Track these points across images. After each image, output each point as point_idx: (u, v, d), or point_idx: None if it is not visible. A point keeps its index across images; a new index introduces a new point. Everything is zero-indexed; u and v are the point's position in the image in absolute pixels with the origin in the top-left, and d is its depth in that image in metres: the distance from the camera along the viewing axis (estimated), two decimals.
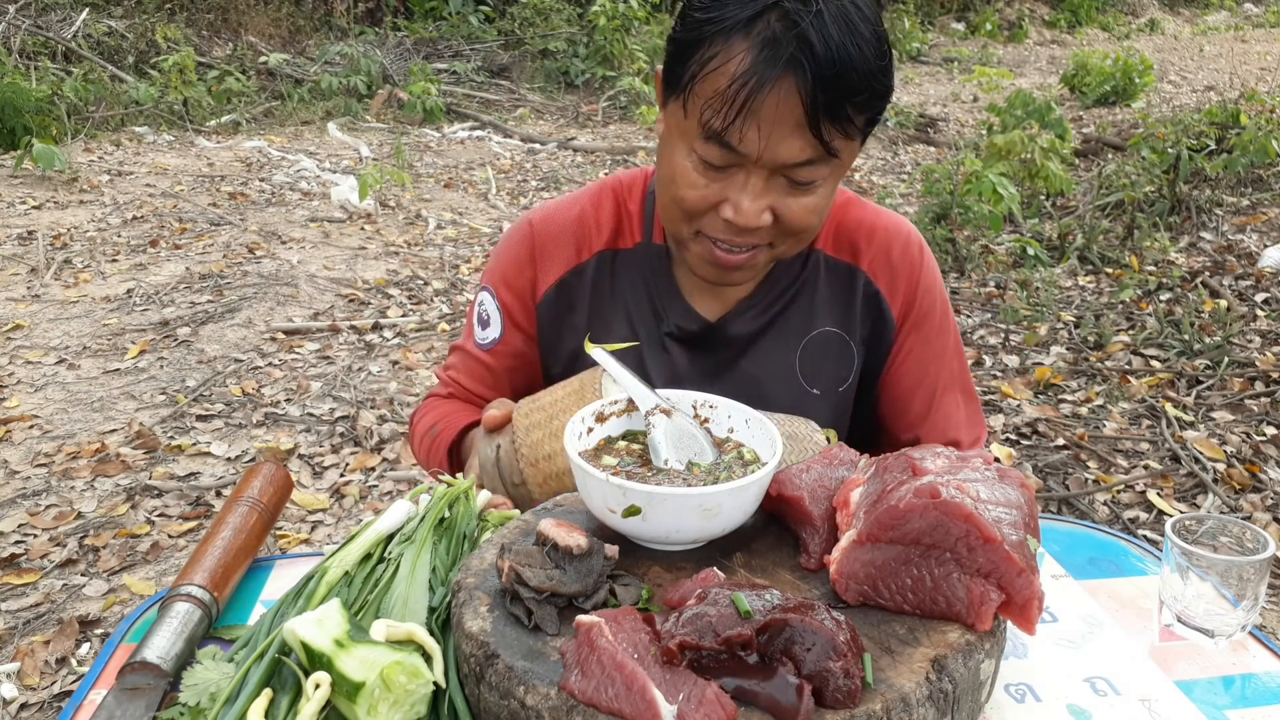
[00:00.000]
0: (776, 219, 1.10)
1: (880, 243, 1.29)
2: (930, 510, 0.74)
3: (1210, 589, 0.86)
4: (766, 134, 1.02)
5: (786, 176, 1.07)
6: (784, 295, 1.29)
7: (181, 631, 0.83)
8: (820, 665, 0.65)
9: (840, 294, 1.30)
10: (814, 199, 1.10)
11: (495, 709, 0.70)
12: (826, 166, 1.07)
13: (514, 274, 1.33)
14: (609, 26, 9.70)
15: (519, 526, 0.90)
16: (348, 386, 3.70)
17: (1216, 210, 5.45)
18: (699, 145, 1.07)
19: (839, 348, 1.30)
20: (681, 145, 1.10)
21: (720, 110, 1.02)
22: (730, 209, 1.08)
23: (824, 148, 1.04)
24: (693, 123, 1.07)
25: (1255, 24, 17.16)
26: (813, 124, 1.01)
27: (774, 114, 1.01)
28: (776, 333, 1.29)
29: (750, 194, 1.07)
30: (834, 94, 1.01)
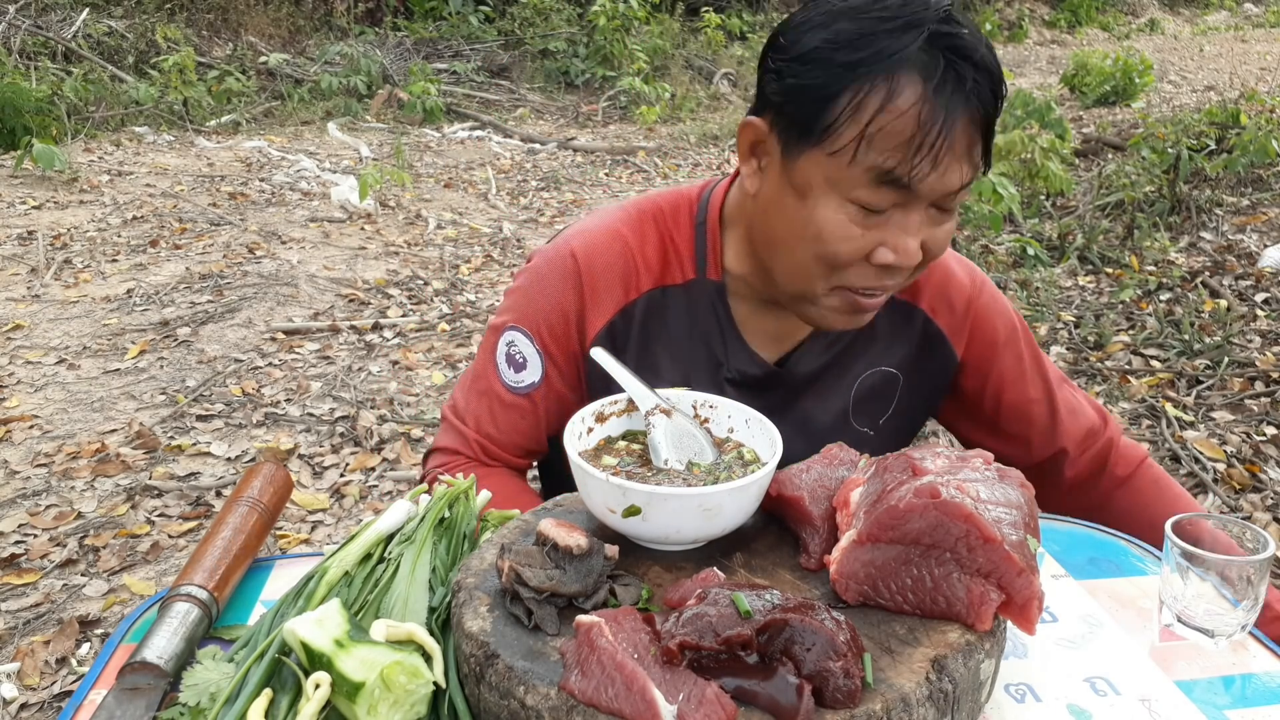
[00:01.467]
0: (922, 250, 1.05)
1: (939, 279, 1.25)
2: (930, 510, 0.73)
3: (1210, 589, 0.86)
4: (944, 167, 0.97)
5: (938, 206, 1.02)
6: (842, 338, 1.23)
7: (181, 631, 0.83)
8: (820, 665, 0.65)
9: (898, 332, 1.25)
10: (951, 222, 1.06)
11: (495, 709, 0.70)
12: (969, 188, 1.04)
13: (555, 315, 1.20)
14: (609, 26, 9.70)
15: (519, 526, 0.90)
16: (348, 386, 3.70)
17: (1216, 210, 5.45)
18: (865, 192, 0.99)
19: (885, 384, 1.26)
20: (833, 198, 1.01)
21: (907, 153, 0.96)
22: (890, 252, 1.01)
23: (983, 167, 1.02)
24: (857, 171, 0.98)
25: (1255, 24, 17.16)
26: (977, 147, 0.99)
27: (957, 146, 0.97)
28: (834, 374, 1.24)
29: (913, 232, 1.01)
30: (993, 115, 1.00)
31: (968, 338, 1.26)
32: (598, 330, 1.19)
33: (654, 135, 8.46)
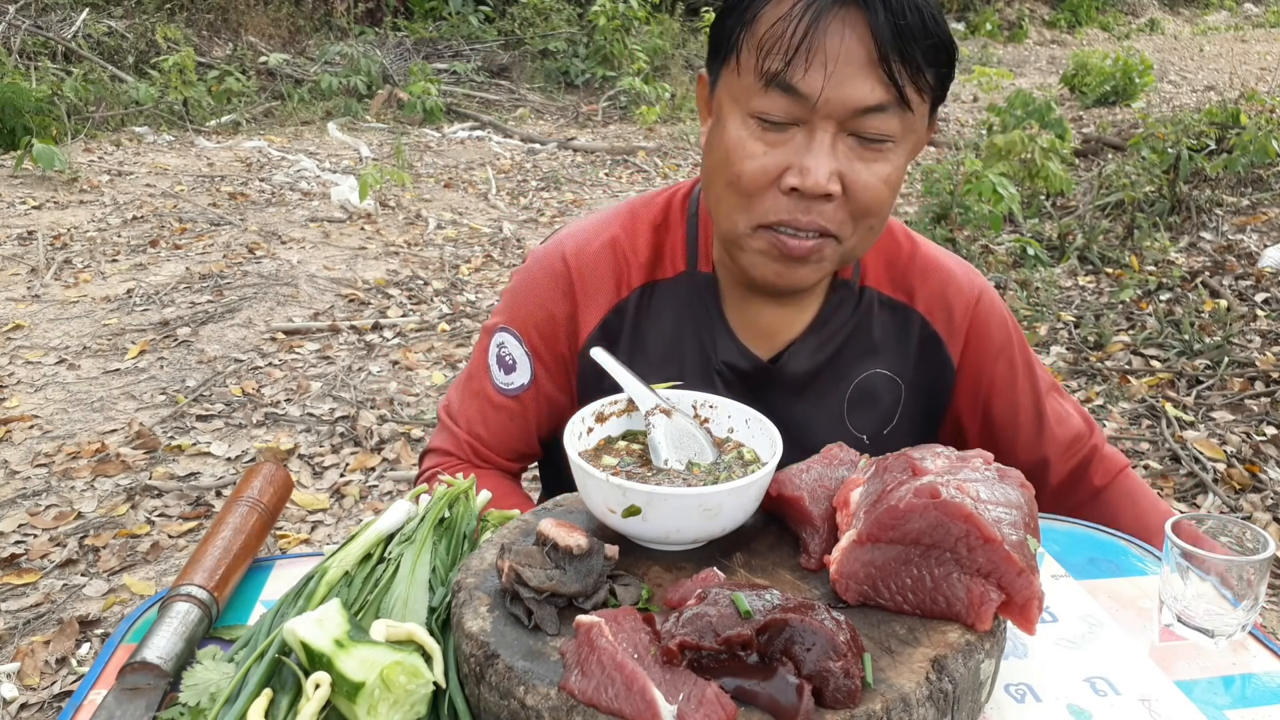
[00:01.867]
0: (846, 191, 1.00)
1: (937, 283, 1.22)
2: (930, 510, 0.73)
3: (1210, 589, 0.86)
4: (832, 71, 0.94)
5: (856, 134, 0.98)
6: (839, 334, 1.20)
7: (181, 631, 0.83)
8: (820, 665, 0.65)
9: (894, 334, 1.22)
10: (885, 167, 1.00)
11: (495, 709, 0.70)
12: (898, 120, 0.98)
13: (544, 317, 1.19)
14: (609, 26, 9.70)
15: (519, 526, 0.90)
16: (348, 386, 3.70)
17: (1216, 210, 5.44)
18: (757, 100, 0.97)
19: (886, 390, 1.22)
20: (735, 115, 1.01)
21: (778, 47, 0.94)
22: (795, 174, 0.98)
23: (896, 91, 0.95)
24: (747, 78, 0.98)
25: (1255, 24, 17.16)
26: (883, 59, 0.94)
27: (840, 46, 0.93)
28: (829, 375, 1.20)
29: (816, 152, 0.97)
30: (903, 30, 0.94)
31: (964, 344, 1.23)
32: (591, 329, 1.18)
33: (654, 135, 8.46)
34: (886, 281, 1.22)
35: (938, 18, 0.98)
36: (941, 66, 1.00)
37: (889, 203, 1.04)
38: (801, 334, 1.19)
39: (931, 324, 1.22)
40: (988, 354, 1.24)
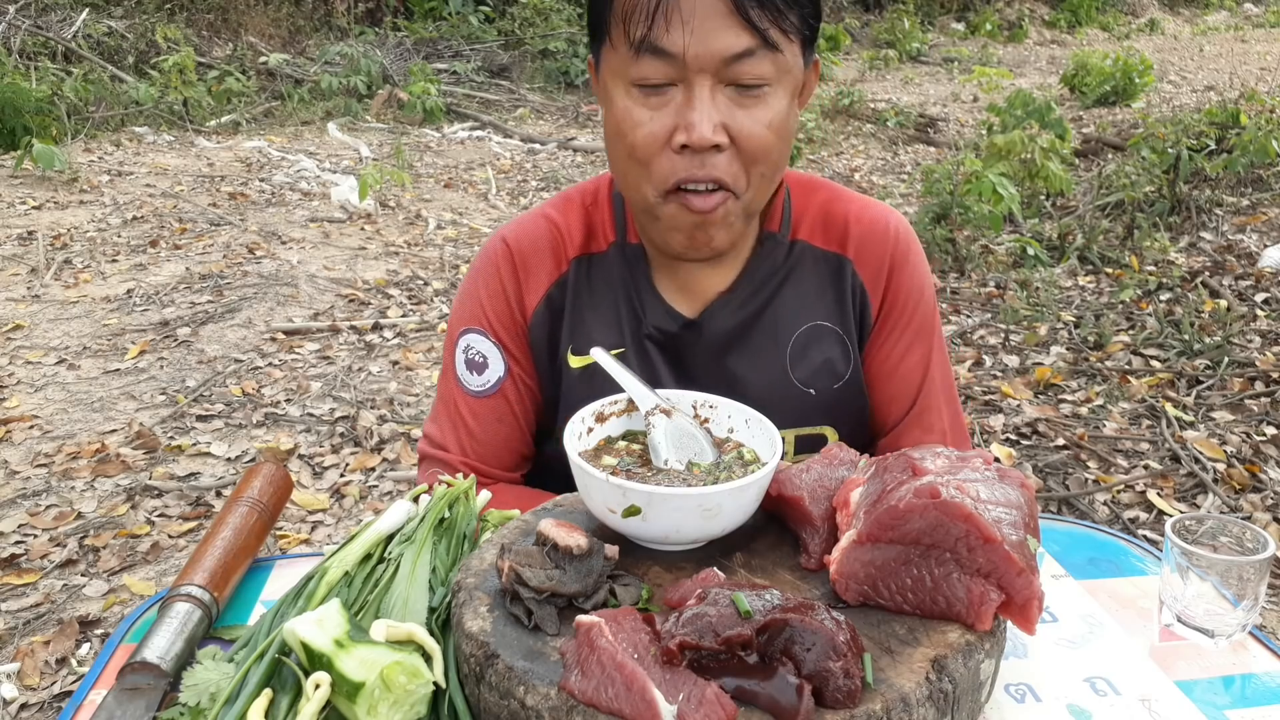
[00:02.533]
0: (733, 141, 1.03)
1: (864, 231, 1.22)
2: (930, 510, 0.73)
3: (1210, 589, 0.86)
4: (693, 27, 0.98)
5: (732, 84, 1.01)
6: (766, 287, 1.21)
7: (181, 631, 0.83)
8: (820, 665, 0.65)
9: (830, 285, 1.22)
10: (767, 111, 1.03)
11: (495, 709, 0.70)
12: (769, 63, 1.01)
13: (497, 302, 1.22)
14: None
15: (519, 526, 0.90)
16: (348, 386, 3.70)
17: (1216, 210, 5.45)
18: (633, 69, 1.02)
19: (833, 342, 1.21)
20: (619, 89, 1.05)
21: (639, 13, 0.99)
22: (682, 131, 1.01)
23: (760, 35, 0.99)
24: (621, 50, 1.02)
25: (1255, 24, 17.16)
26: (739, 7, 0.98)
27: (696, 3, 0.98)
28: (763, 329, 1.20)
29: (697, 107, 1.00)
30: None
31: (884, 295, 1.22)
32: (535, 305, 1.21)
33: None
34: (820, 234, 1.23)
35: None
36: (804, 7, 1.03)
37: (778, 148, 1.06)
38: (727, 289, 1.20)
39: (858, 270, 1.22)
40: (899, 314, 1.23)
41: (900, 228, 1.24)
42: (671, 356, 1.21)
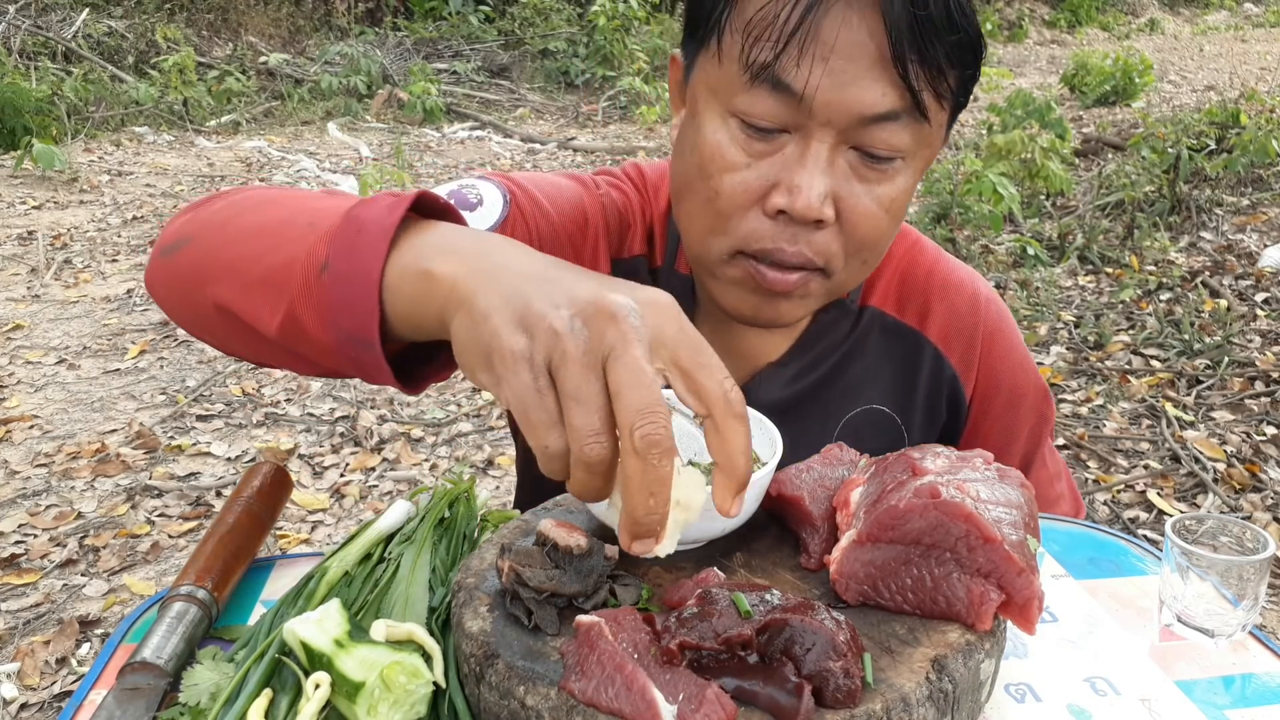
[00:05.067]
0: (839, 216, 0.84)
1: (954, 305, 1.04)
2: (930, 510, 0.73)
3: (1210, 589, 0.86)
4: (832, 68, 0.77)
5: (858, 148, 0.82)
6: (825, 361, 1.04)
7: (181, 631, 0.83)
8: (820, 665, 0.65)
9: (898, 365, 1.05)
10: (889, 190, 0.84)
11: (495, 709, 0.70)
12: (910, 134, 0.82)
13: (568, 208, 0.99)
14: (609, 26, 9.70)
15: (519, 526, 0.90)
16: (348, 386, 3.70)
17: (1216, 210, 5.45)
18: (741, 99, 0.81)
19: (886, 429, 1.06)
20: (713, 112, 0.84)
21: (769, 32, 0.77)
22: (784, 194, 0.81)
23: (911, 96, 0.79)
24: (730, 68, 0.81)
25: (1255, 24, 17.16)
26: (897, 58, 0.77)
27: (844, 37, 0.77)
28: (813, 406, 1.04)
29: (810, 168, 0.80)
30: (924, 22, 0.77)
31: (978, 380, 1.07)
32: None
33: (654, 135, 8.46)
34: (894, 301, 1.06)
35: (965, 7, 0.80)
36: (967, 67, 0.84)
37: (889, 232, 0.88)
38: (780, 357, 1.04)
39: (945, 355, 1.05)
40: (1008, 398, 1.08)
41: (990, 301, 1.08)
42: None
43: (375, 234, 0.63)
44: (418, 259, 0.61)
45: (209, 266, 0.74)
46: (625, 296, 0.56)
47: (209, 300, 0.73)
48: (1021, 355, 1.10)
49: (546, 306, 0.55)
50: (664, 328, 0.57)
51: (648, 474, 0.53)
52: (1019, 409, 1.09)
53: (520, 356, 0.54)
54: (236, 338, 0.76)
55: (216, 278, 0.72)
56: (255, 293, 0.69)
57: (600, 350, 0.54)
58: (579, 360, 0.53)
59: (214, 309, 0.73)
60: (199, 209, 0.80)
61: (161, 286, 0.80)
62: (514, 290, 0.56)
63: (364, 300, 0.62)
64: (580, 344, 0.54)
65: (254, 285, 0.70)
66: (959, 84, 0.84)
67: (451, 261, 0.60)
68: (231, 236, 0.73)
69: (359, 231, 0.63)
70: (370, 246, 0.62)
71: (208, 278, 0.73)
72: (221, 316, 0.73)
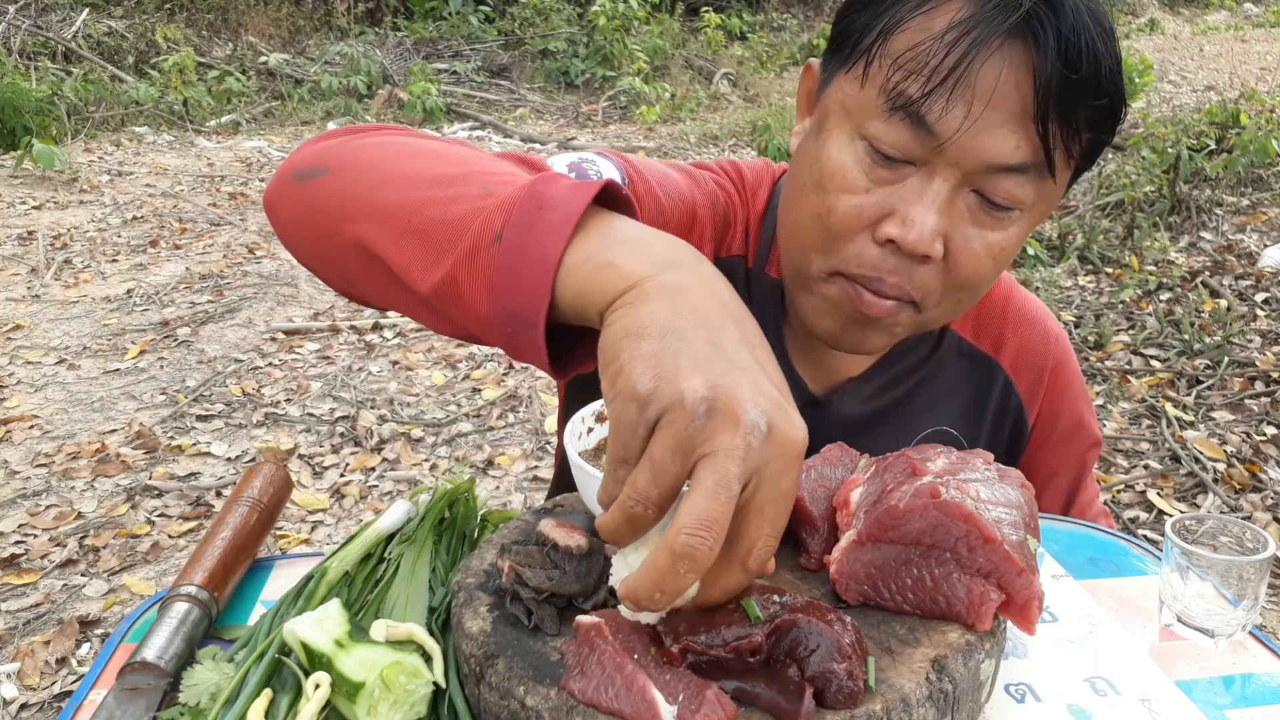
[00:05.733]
0: (946, 255, 0.84)
1: (1027, 338, 1.07)
2: (930, 510, 0.73)
3: (1210, 589, 0.86)
4: (975, 115, 0.78)
5: (979, 192, 0.83)
6: (906, 380, 1.05)
7: (181, 631, 0.83)
8: (824, 667, 0.65)
9: (971, 389, 1.07)
10: (1001, 238, 0.84)
11: (495, 709, 0.70)
12: (1034, 187, 0.83)
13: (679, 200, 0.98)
14: (609, 26, 9.70)
15: (519, 526, 0.90)
16: (348, 386, 3.70)
17: (1216, 210, 5.45)
18: (875, 125, 0.81)
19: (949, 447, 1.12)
20: (842, 133, 0.84)
21: (921, 69, 0.78)
22: (896, 224, 0.82)
23: (1044, 151, 0.80)
24: (870, 93, 0.82)
25: (1255, 24, 17.16)
26: (1039, 114, 0.78)
27: (992, 86, 0.77)
28: (888, 423, 1.05)
29: (928, 204, 0.81)
30: (1072, 81, 0.78)
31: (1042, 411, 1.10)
32: None
33: (654, 135, 8.46)
34: (970, 327, 1.08)
35: (1116, 72, 0.81)
36: (1104, 132, 0.84)
37: (991, 278, 0.89)
38: (863, 372, 1.05)
39: (1015, 384, 1.08)
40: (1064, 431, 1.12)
41: (1060, 338, 1.11)
42: None
43: (560, 215, 0.61)
44: (603, 248, 0.60)
45: (355, 202, 0.71)
46: (760, 413, 0.54)
47: (348, 236, 0.71)
48: (1082, 391, 1.13)
49: (690, 373, 0.54)
50: (773, 464, 0.55)
51: (669, 576, 0.54)
52: (1072, 443, 1.12)
53: (639, 397, 0.54)
54: (373, 282, 0.73)
55: (366, 216, 0.70)
56: (411, 244, 0.67)
57: (703, 445, 0.53)
58: (678, 438, 0.53)
59: (352, 246, 0.71)
60: (340, 140, 0.77)
61: (287, 210, 0.77)
62: (679, 332, 0.55)
63: (538, 279, 0.61)
64: (691, 428, 0.53)
65: (412, 235, 0.67)
66: (1092, 147, 0.85)
67: (639, 260, 0.59)
68: (386, 177, 0.71)
69: (540, 208, 0.62)
70: (554, 227, 0.61)
71: (353, 214, 0.71)
72: (361, 256, 0.71)
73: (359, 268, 0.72)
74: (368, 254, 0.70)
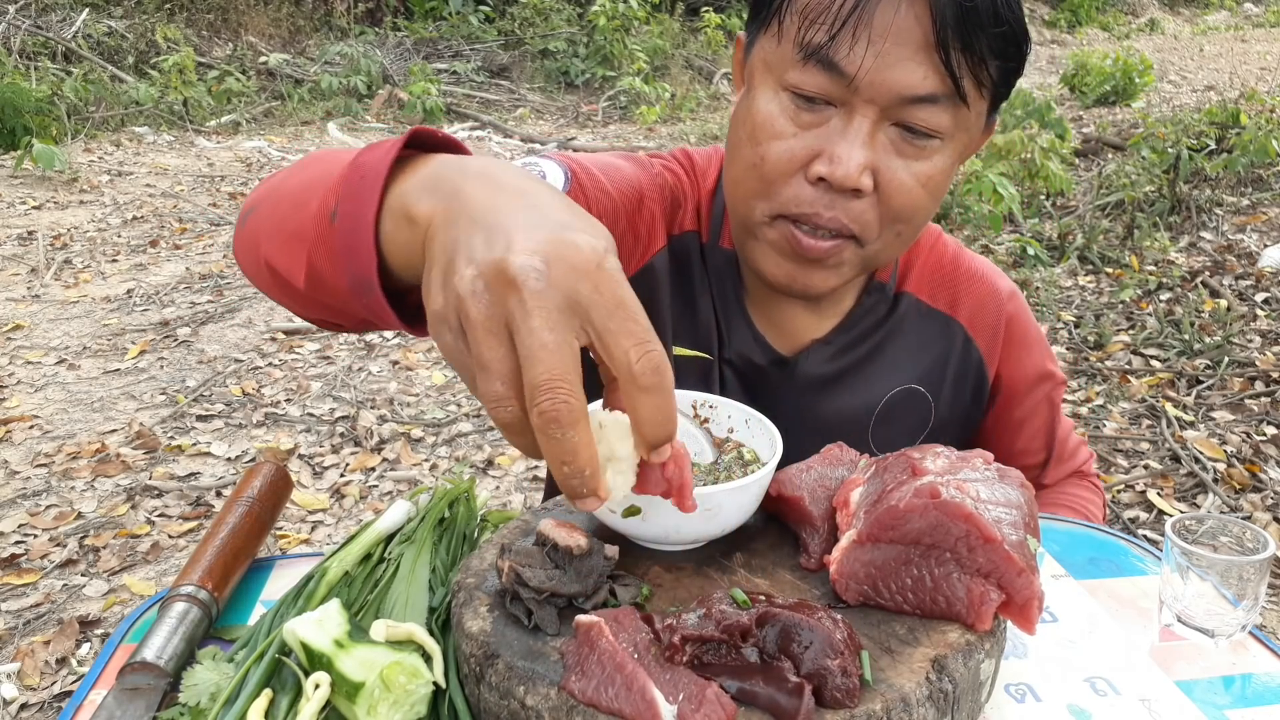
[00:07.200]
0: (878, 188, 0.90)
1: (980, 294, 1.13)
2: (930, 510, 0.73)
3: (1210, 589, 0.86)
4: (881, 50, 0.84)
5: (899, 125, 0.88)
6: (866, 340, 1.11)
7: (181, 631, 0.83)
8: (818, 664, 0.65)
9: (931, 347, 1.13)
10: (927, 167, 0.90)
11: (495, 709, 0.70)
12: (950, 116, 0.88)
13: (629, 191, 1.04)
14: (609, 26, 9.70)
15: (519, 526, 0.90)
16: (348, 386, 3.70)
17: (1216, 210, 5.45)
18: (793, 74, 0.88)
19: (918, 406, 1.13)
20: (768, 87, 0.91)
21: (824, 16, 0.85)
22: (825, 161, 0.87)
23: (951, 81, 0.85)
24: (786, 47, 0.88)
25: (1255, 24, 17.16)
26: (941, 44, 0.84)
27: (892, 23, 0.84)
28: (854, 382, 1.11)
29: (851, 140, 0.87)
30: (970, 13, 0.83)
31: (1003, 365, 1.16)
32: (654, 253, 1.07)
33: (654, 135, 8.46)
34: (927, 289, 1.14)
35: (1011, 1, 0.87)
36: (1009, 59, 0.90)
37: (925, 208, 0.94)
38: (826, 335, 1.10)
39: (974, 339, 1.14)
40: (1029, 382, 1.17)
41: (1014, 294, 1.17)
42: (748, 388, 1.10)
43: (372, 177, 0.64)
44: (403, 201, 0.62)
45: (261, 229, 0.77)
46: (528, 255, 0.53)
47: (263, 261, 0.76)
48: (1040, 342, 1.18)
49: (462, 264, 0.54)
50: (577, 287, 0.53)
51: (552, 448, 0.53)
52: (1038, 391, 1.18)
53: (439, 318, 0.55)
54: (286, 295, 0.78)
55: (265, 237, 0.76)
56: (287, 247, 0.72)
57: (502, 316, 0.53)
58: (480, 326, 0.53)
59: (267, 269, 0.76)
60: (273, 176, 0.83)
61: (238, 255, 0.83)
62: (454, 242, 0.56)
63: (363, 244, 0.64)
64: (482, 309, 0.53)
65: (287, 240, 0.72)
66: (1000, 74, 0.90)
67: (429, 201, 0.61)
68: (279, 197, 0.76)
69: (361, 177, 0.65)
70: (368, 189, 0.64)
71: (260, 239, 0.77)
72: (272, 275, 0.76)
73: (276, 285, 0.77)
74: (273, 270, 0.75)
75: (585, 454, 0.54)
